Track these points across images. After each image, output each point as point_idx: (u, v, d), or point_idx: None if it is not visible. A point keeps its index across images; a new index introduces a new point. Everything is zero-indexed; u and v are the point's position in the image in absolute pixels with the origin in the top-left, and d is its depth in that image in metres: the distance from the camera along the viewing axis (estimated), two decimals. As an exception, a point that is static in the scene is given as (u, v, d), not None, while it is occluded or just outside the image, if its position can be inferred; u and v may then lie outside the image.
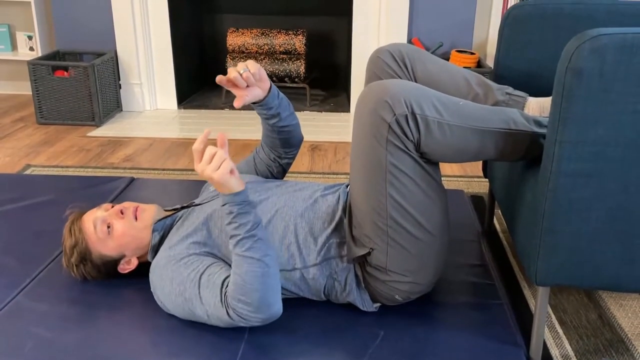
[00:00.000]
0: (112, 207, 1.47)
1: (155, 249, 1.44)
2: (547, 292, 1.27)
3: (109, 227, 1.42)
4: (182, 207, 1.52)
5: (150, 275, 1.38)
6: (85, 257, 1.45)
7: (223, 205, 1.24)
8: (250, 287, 1.20)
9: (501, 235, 1.90)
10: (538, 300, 1.28)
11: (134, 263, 1.47)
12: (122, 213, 1.44)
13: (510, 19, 1.64)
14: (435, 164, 1.29)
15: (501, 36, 1.66)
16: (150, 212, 1.47)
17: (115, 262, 1.46)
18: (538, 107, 1.46)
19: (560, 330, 1.43)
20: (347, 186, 1.48)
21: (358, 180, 1.28)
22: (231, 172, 1.21)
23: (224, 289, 1.24)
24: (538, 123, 1.27)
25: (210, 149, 1.20)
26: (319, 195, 1.42)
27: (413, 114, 1.18)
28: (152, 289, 1.38)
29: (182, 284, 1.29)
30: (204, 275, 1.27)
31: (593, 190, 1.12)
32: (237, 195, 1.22)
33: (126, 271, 1.48)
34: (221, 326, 1.30)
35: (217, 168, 1.19)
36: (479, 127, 1.23)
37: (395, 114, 1.18)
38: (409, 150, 1.21)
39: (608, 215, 1.13)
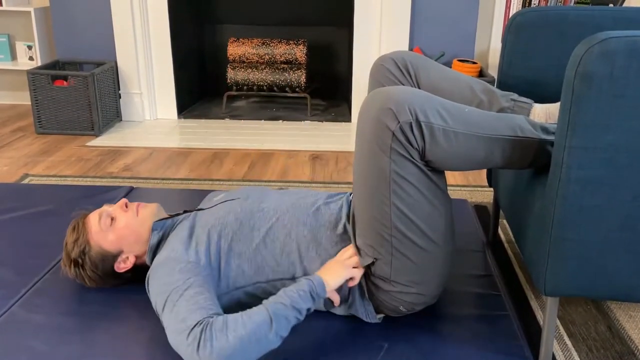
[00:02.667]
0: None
1: (154, 251, 1.42)
2: (556, 303, 1.24)
3: (112, 220, 1.43)
4: (185, 212, 1.50)
5: (149, 272, 1.35)
6: (84, 252, 1.43)
7: (305, 279, 1.24)
8: (244, 337, 1.12)
9: (506, 245, 1.87)
10: (547, 312, 1.24)
11: (130, 261, 1.44)
12: (126, 206, 1.47)
13: (514, 26, 1.62)
14: (440, 173, 1.26)
15: (505, 43, 1.64)
16: (151, 209, 1.48)
17: (113, 259, 1.44)
18: (544, 113, 1.43)
19: (569, 343, 1.39)
20: (350, 194, 1.45)
21: (361, 189, 1.25)
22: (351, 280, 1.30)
23: (206, 313, 1.17)
24: (545, 130, 1.25)
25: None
26: (322, 203, 1.40)
27: (417, 121, 1.15)
28: (146, 288, 1.35)
29: (167, 286, 1.24)
30: (191, 289, 1.22)
31: (604, 197, 1.09)
32: (322, 288, 1.24)
33: (122, 270, 1.45)
34: (170, 342, 1.19)
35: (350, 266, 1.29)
36: (485, 135, 1.20)
37: (399, 122, 1.15)
38: (413, 158, 1.19)
39: (619, 223, 1.10)
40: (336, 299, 1.31)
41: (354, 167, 1.27)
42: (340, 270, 1.27)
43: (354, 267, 1.29)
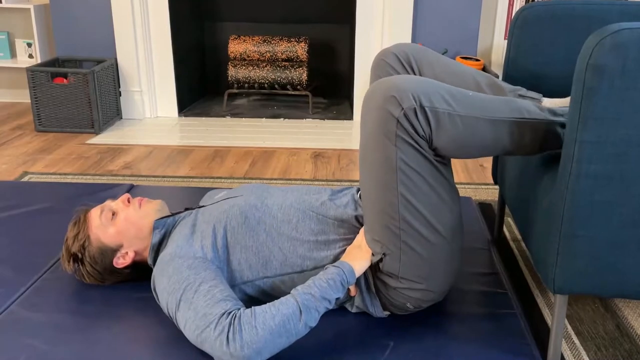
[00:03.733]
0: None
1: (155, 250, 1.40)
2: (565, 301, 1.21)
3: (113, 214, 1.42)
4: (186, 209, 1.48)
5: (154, 270, 1.33)
6: (84, 246, 1.41)
7: (334, 266, 1.23)
8: (272, 327, 1.13)
9: (511, 243, 1.84)
10: (555, 310, 1.22)
11: (130, 256, 1.42)
12: (128, 201, 1.45)
13: (520, 20, 1.59)
14: (447, 164, 1.24)
15: (511, 37, 1.62)
16: (155, 204, 1.47)
17: (112, 254, 1.42)
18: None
19: (577, 341, 1.37)
20: (357, 190, 1.43)
21: (368, 181, 1.23)
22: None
23: (227, 305, 1.16)
24: (553, 112, 1.22)
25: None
26: (327, 198, 1.39)
27: (422, 107, 1.13)
28: (152, 286, 1.33)
29: (178, 283, 1.22)
30: (205, 283, 1.21)
31: (615, 193, 1.06)
32: (352, 275, 1.24)
33: (121, 266, 1.43)
34: (190, 339, 1.19)
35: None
36: (492, 117, 1.17)
37: (403, 108, 1.13)
38: (420, 146, 1.16)
39: (631, 219, 1.08)
40: (353, 288, 1.31)
41: (360, 159, 1.25)
42: (364, 255, 1.27)
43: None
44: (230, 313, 1.14)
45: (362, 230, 1.32)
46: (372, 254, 1.28)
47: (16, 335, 1.32)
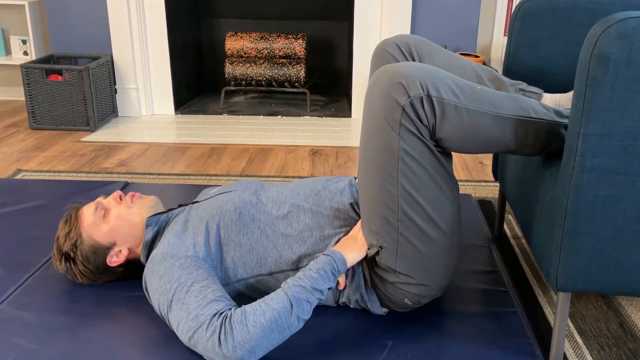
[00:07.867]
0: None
1: (148, 247, 1.37)
2: (568, 299, 1.18)
3: (106, 211, 1.39)
4: (180, 206, 1.45)
5: (145, 269, 1.30)
6: (76, 245, 1.38)
7: (325, 255, 1.21)
8: (263, 324, 1.10)
9: (512, 240, 1.81)
10: (558, 308, 1.19)
11: (123, 254, 1.39)
12: (120, 199, 1.42)
13: (521, 13, 1.56)
14: (448, 156, 1.21)
15: (511, 31, 1.59)
16: (148, 200, 1.44)
17: (105, 252, 1.39)
18: (554, 103, 1.38)
19: (579, 340, 1.34)
20: (354, 179, 1.40)
21: (367, 170, 1.20)
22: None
23: (218, 306, 1.13)
24: (558, 113, 1.20)
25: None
26: (321, 186, 1.36)
27: (429, 96, 1.10)
28: (143, 286, 1.30)
29: (170, 283, 1.20)
30: (197, 283, 1.18)
31: (620, 187, 1.03)
32: (343, 264, 1.21)
33: (115, 264, 1.40)
34: (183, 340, 1.16)
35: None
36: (498, 113, 1.15)
37: (409, 96, 1.10)
38: (422, 136, 1.13)
39: (636, 214, 1.05)
40: (342, 281, 1.28)
41: (360, 147, 1.21)
42: (359, 247, 1.25)
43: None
44: (222, 314, 1.12)
45: (358, 224, 1.29)
46: (369, 248, 1.25)
47: (5, 334, 1.29)
